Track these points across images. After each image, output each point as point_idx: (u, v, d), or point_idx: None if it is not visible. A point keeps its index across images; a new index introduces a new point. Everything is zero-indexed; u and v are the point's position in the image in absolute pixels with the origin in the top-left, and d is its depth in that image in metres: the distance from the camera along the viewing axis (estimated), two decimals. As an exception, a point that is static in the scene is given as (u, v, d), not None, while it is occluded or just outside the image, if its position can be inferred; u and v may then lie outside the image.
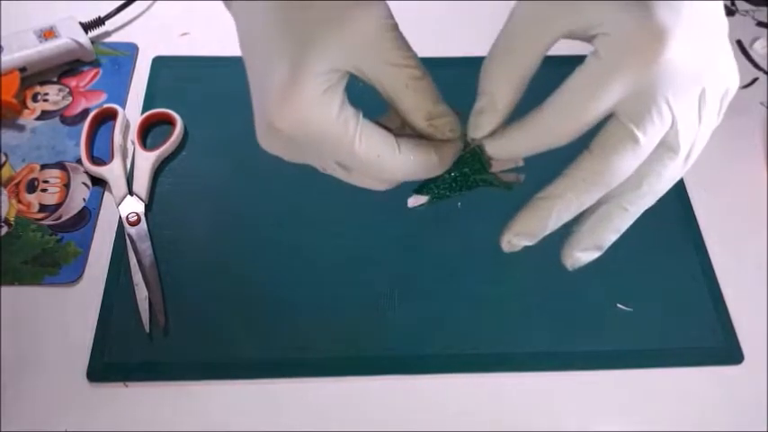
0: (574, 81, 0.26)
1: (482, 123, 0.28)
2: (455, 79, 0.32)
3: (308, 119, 0.26)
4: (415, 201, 0.33)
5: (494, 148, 0.29)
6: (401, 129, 0.30)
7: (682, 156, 0.27)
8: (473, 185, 0.31)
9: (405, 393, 0.43)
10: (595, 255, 0.30)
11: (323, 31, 0.25)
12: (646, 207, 0.29)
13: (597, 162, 0.26)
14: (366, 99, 0.28)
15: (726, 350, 0.45)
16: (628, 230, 0.39)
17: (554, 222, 0.29)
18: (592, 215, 0.29)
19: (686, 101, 0.26)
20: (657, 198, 0.29)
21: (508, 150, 0.28)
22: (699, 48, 0.25)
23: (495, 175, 0.31)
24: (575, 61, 0.26)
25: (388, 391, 0.43)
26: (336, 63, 0.26)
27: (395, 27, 0.26)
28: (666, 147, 0.27)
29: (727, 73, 0.27)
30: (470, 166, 0.30)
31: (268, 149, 0.28)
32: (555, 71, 0.28)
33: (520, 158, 0.30)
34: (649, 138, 0.26)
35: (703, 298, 0.47)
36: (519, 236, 0.30)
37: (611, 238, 0.29)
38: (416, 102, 0.28)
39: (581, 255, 0.30)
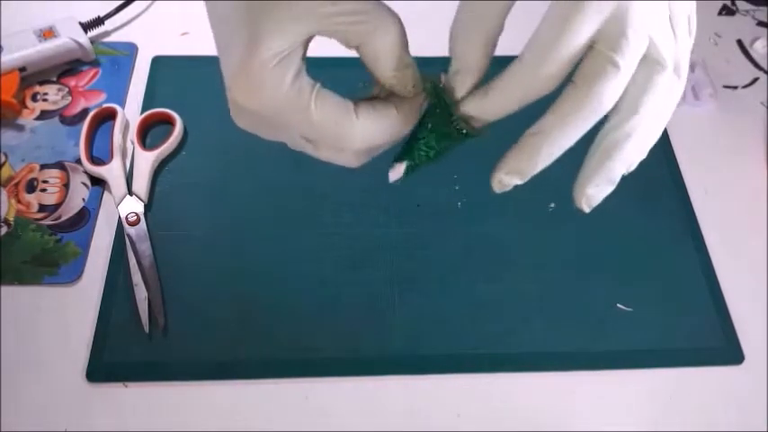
0: (548, 19, 0.26)
1: (457, 84, 0.28)
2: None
3: (262, 90, 0.27)
4: (394, 173, 0.32)
5: (480, 109, 0.28)
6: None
7: (669, 70, 0.27)
8: (443, 139, 0.30)
9: (405, 393, 0.43)
10: (608, 190, 0.29)
11: (272, 6, 0.26)
12: (652, 132, 0.28)
13: (581, 92, 0.26)
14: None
15: (726, 350, 0.45)
16: (628, 231, 0.39)
17: (544, 159, 0.28)
18: (598, 149, 0.28)
19: (657, 19, 0.26)
20: (664, 122, 0.28)
21: (495, 106, 0.28)
22: None
23: (460, 121, 0.29)
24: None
25: (388, 391, 0.43)
26: (292, 34, 0.26)
27: None
28: (651, 63, 0.27)
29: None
30: (433, 119, 0.30)
31: (242, 126, 0.29)
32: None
33: (506, 114, 0.29)
34: (628, 60, 0.26)
35: (703, 298, 0.47)
36: (510, 174, 0.29)
37: (621, 169, 0.28)
38: (383, 48, 0.27)
39: (593, 192, 0.29)
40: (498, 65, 0.28)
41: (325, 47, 0.30)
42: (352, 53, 0.28)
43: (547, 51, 0.26)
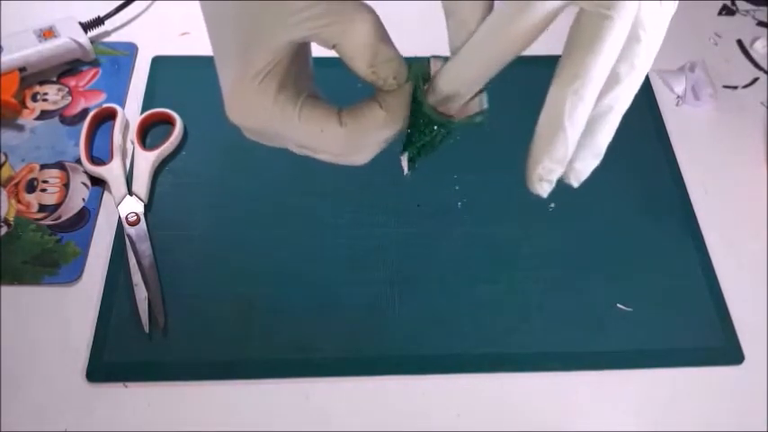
0: None
1: (454, 38, 0.27)
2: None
3: (252, 109, 0.28)
4: (404, 165, 0.32)
5: (449, 80, 0.28)
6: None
7: (646, 42, 0.26)
8: (423, 131, 0.29)
9: (405, 393, 0.43)
10: (595, 163, 0.28)
11: (249, 25, 0.27)
12: (631, 96, 0.27)
13: (579, 62, 0.25)
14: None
15: (726, 350, 0.45)
16: (628, 231, 0.39)
17: (572, 135, 0.27)
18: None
19: None
20: (635, 91, 0.27)
21: (463, 73, 0.27)
22: None
23: (431, 110, 0.29)
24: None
25: (388, 391, 0.43)
26: (271, 48, 0.27)
27: None
28: (634, 32, 0.25)
29: None
30: (412, 110, 0.29)
31: (249, 137, 0.31)
32: (550, 71, 0.27)
33: (478, 82, 0.29)
34: (623, 19, 0.25)
35: (704, 298, 0.47)
36: (548, 167, 0.28)
37: (606, 140, 0.28)
38: (355, 44, 0.27)
39: (581, 166, 0.28)
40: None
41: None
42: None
43: (515, 12, 0.25)
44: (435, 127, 0.29)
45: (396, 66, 0.28)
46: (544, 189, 0.29)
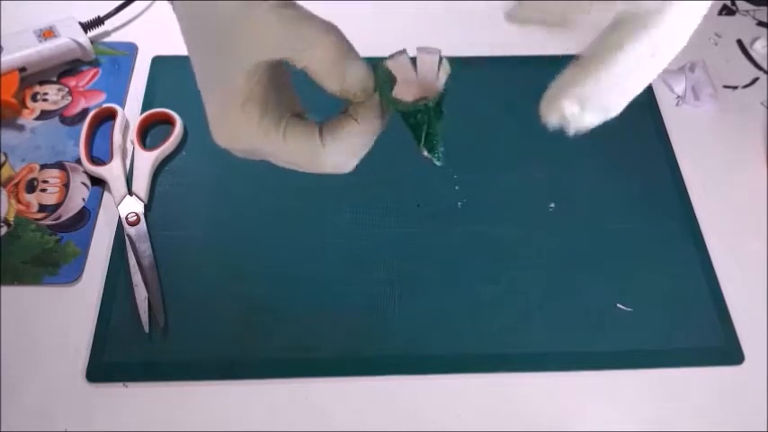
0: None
1: None
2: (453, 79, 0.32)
3: (235, 135, 0.30)
4: (431, 158, 0.31)
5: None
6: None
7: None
8: (418, 119, 0.29)
9: (405, 393, 0.43)
10: (602, 118, 0.27)
11: (220, 54, 0.28)
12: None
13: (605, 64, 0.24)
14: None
15: (726, 350, 0.45)
16: (628, 231, 0.38)
17: (605, 73, 0.25)
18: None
19: None
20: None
21: None
22: None
23: (408, 104, 0.29)
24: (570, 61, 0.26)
25: (388, 391, 0.43)
26: (250, 78, 0.28)
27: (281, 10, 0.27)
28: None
29: None
30: (397, 113, 0.29)
31: (238, 156, 0.32)
32: (553, 71, 0.27)
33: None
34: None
35: (703, 298, 0.47)
36: (572, 101, 0.26)
37: (621, 101, 0.26)
38: (318, 66, 0.28)
39: (589, 116, 0.26)
40: (499, 63, 0.28)
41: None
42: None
43: None
44: (419, 115, 0.29)
45: (363, 79, 0.29)
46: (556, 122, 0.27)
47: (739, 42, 0.62)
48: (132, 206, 0.49)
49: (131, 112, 0.54)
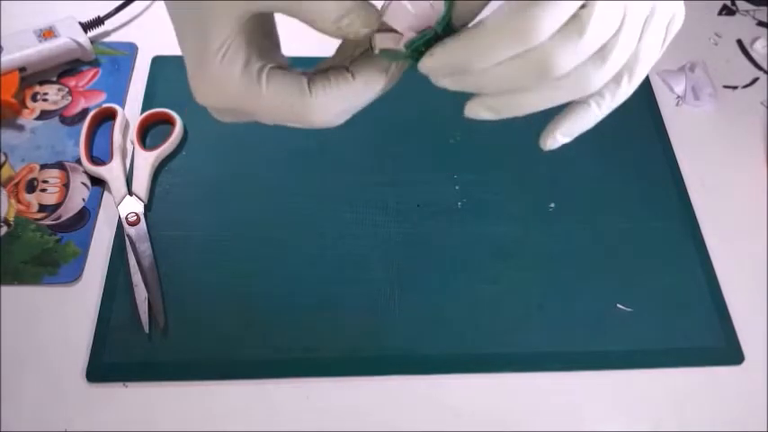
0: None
1: None
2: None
3: (215, 89, 0.27)
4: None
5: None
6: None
7: (607, 66, 0.26)
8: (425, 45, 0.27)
9: (405, 393, 0.43)
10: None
11: (208, 13, 0.26)
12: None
13: (543, 60, 0.25)
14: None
15: (726, 350, 0.45)
16: (628, 231, 0.39)
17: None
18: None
19: (637, 12, 0.25)
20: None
21: None
22: None
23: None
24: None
25: (388, 391, 0.43)
26: (228, 19, 0.26)
27: None
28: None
29: (675, 2, 0.27)
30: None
31: (219, 119, 0.30)
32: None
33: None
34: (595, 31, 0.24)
35: (703, 298, 0.47)
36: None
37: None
38: (312, 12, 0.25)
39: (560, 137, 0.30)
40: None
41: (322, 47, 0.30)
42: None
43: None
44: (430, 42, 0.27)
45: (366, 14, 0.26)
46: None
47: (739, 42, 0.62)
48: (132, 206, 0.49)
49: (131, 112, 0.54)
